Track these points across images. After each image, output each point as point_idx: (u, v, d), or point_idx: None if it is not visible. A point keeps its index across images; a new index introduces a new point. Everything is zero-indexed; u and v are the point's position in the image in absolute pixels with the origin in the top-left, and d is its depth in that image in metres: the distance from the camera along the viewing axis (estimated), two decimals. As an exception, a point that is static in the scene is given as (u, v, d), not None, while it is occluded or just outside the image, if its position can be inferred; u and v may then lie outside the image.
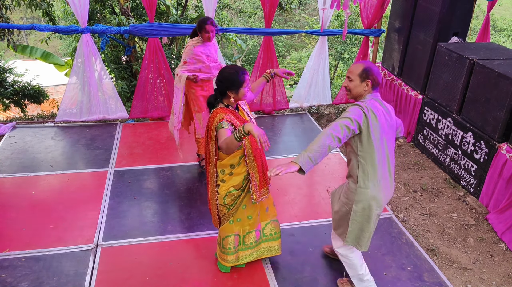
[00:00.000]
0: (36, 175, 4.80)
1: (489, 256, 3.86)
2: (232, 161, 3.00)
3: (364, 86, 2.76)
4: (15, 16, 22.12)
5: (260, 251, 3.47)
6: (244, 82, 2.88)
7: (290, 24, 22.80)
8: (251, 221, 3.27)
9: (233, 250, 3.34)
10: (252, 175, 3.05)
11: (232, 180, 3.05)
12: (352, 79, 2.77)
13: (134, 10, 7.54)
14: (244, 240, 3.34)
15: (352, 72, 2.77)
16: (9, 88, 7.10)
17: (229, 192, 3.08)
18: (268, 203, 3.34)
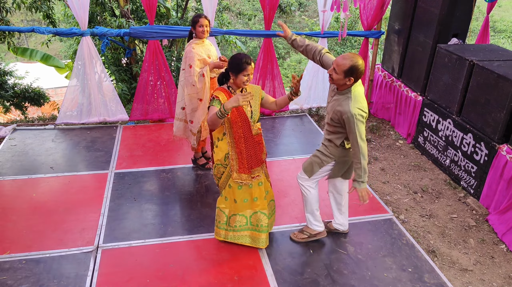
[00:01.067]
0: (36, 177, 4.80)
1: (490, 257, 3.86)
2: (218, 134, 3.39)
3: (347, 81, 3.06)
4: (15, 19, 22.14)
5: (243, 238, 3.69)
6: (243, 70, 3.15)
7: (290, 26, 22.82)
8: (237, 205, 3.52)
9: (222, 225, 3.66)
10: (231, 154, 3.35)
11: (218, 153, 3.42)
12: (337, 73, 3.04)
13: (134, 13, 7.55)
14: (229, 221, 3.62)
15: (339, 66, 3.02)
16: (9, 91, 7.11)
17: (216, 164, 3.46)
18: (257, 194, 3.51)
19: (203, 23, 4.34)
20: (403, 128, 6.04)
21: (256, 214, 3.57)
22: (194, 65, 4.32)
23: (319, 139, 5.83)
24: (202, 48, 4.44)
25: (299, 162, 5.26)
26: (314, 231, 3.82)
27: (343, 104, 3.14)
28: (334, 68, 3.05)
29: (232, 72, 3.20)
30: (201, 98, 4.45)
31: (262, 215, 3.56)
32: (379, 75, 6.66)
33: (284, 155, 5.43)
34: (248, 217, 3.60)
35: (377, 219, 4.27)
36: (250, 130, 3.30)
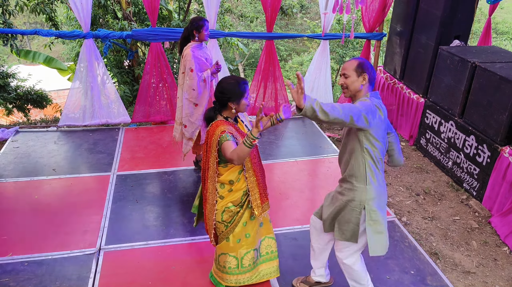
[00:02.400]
0: (39, 179, 4.81)
1: (493, 259, 3.85)
2: (231, 176, 2.90)
3: (361, 81, 2.69)
4: (18, 21, 22.22)
5: (259, 275, 3.25)
6: (245, 92, 2.82)
7: (291, 28, 22.84)
8: (249, 239, 3.08)
9: (232, 270, 3.15)
10: (252, 189, 2.94)
11: (231, 195, 2.94)
12: (349, 75, 2.69)
13: (136, 15, 7.58)
14: (242, 262, 3.13)
15: (347, 68, 2.70)
16: (12, 93, 7.14)
17: (227, 208, 2.95)
18: (263, 219, 3.14)
19: (208, 26, 4.34)
20: (405, 130, 6.03)
21: (264, 241, 3.21)
22: (195, 69, 4.31)
23: (321, 141, 5.83)
24: (201, 51, 4.42)
25: (301, 164, 5.26)
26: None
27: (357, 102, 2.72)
28: (344, 73, 2.71)
29: (233, 101, 2.80)
30: (197, 103, 4.43)
31: (271, 239, 3.24)
32: (381, 77, 6.66)
33: (286, 157, 5.43)
34: (258, 249, 3.21)
35: (379, 221, 4.26)
36: (259, 154, 3.03)
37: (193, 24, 4.31)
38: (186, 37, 4.41)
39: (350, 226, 2.81)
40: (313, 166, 5.29)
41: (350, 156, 2.75)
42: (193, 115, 4.49)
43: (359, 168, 2.73)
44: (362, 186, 2.74)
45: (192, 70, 4.31)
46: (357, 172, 2.74)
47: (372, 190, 2.75)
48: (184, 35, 4.42)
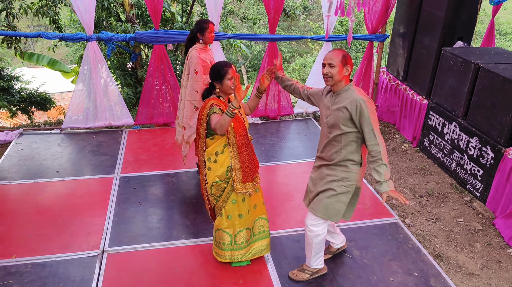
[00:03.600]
0: (42, 182, 4.83)
1: (497, 261, 3.83)
2: (217, 148, 3.18)
3: (345, 71, 2.90)
4: (22, 24, 22.34)
5: (252, 252, 3.55)
6: (226, 74, 3.09)
7: (294, 29, 22.86)
8: (242, 219, 3.37)
9: (226, 246, 3.45)
10: (235, 165, 3.19)
11: (217, 169, 3.19)
12: (334, 65, 2.87)
13: (139, 18, 7.60)
14: (235, 239, 3.43)
15: (333, 59, 2.88)
16: (16, 96, 7.16)
17: (214, 182, 3.22)
18: (256, 201, 3.42)
19: (212, 28, 4.30)
20: (409, 132, 6.02)
21: (257, 221, 3.48)
22: (200, 71, 4.28)
23: (324, 143, 5.82)
24: (206, 54, 4.38)
25: (304, 165, 5.26)
26: (315, 269, 3.50)
27: (348, 96, 2.91)
28: (330, 63, 2.87)
29: (216, 81, 3.13)
30: (197, 107, 4.39)
31: (263, 220, 3.51)
32: (384, 79, 6.65)
33: (289, 159, 5.42)
34: (251, 228, 3.48)
35: (383, 223, 4.25)
36: (247, 138, 3.23)
37: (197, 26, 4.28)
38: (191, 39, 4.38)
39: (337, 205, 3.10)
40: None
41: (347, 144, 2.98)
42: (192, 119, 4.45)
43: (354, 153, 3.00)
44: (357, 167, 3.05)
45: (197, 72, 4.27)
46: (352, 156, 3.01)
47: (362, 170, 3.10)
48: (189, 37, 4.39)
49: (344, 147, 2.98)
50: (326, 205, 3.10)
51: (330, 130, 3.02)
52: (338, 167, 3.05)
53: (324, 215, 3.13)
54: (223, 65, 3.13)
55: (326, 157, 3.09)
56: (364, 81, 6.60)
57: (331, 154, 3.04)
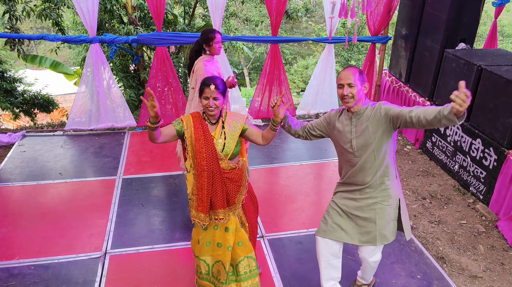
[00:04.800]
0: (45, 183, 4.84)
1: (500, 263, 3.82)
2: (187, 164, 2.91)
3: (364, 89, 2.77)
4: (25, 27, 22.42)
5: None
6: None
7: (296, 31, 22.87)
8: (209, 247, 2.96)
9: (204, 276, 3.04)
10: (193, 189, 2.86)
11: (188, 185, 2.94)
12: (354, 85, 2.69)
13: (142, 20, 7.62)
14: (212, 270, 3.01)
15: (351, 78, 2.69)
16: (19, 98, 7.19)
17: (189, 198, 2.96)
18: (242, 238, 2.98)
19: (219, 39, 3.92)
20: (411, 134, 6.01)
21: (218, 263, 2.98)
22: None
23: (326, 144, 5.81)
24: (213, 66, 4.01)
25: (306, 167, 5.26)
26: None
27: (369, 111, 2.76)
28: (349, 83, 2.69)
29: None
30: None
31: (250, 259, 3.03)
32: (386, 81, 6.64)
33: (291, 161, 5.42)
34: (210, 266, 3.01)
35: (385, 225, 4.24)
36: (217, 164, 2.79)
37: (203, 36, 3.91)
38: (197, 50, 4.01)
39: (391, 225, 2.93)
40: (319, 169, 5.28)
41: (381, 162, 2.79)
42: None
43: (389, 166, 2.84)
44: (394, 181, 2.90)
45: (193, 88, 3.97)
46: (388, 171, 2.85)
47: (399, 182, 2.95)
48: (195, 48, 4.02)
49: (379, 164, 2.78)
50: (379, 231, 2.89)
51: (360, 153, 2.79)
52: (375, 188, 2.86)
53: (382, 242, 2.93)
54: (202, 82, 2.80)
55: (359, 182, 2.86)
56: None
57: (366, 176, 2.83)
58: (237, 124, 2.89)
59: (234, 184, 2.89)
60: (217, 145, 2.81)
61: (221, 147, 2.82)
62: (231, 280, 3.03)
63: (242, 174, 2.94)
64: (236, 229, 2.95)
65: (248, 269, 3.05)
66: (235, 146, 2.85)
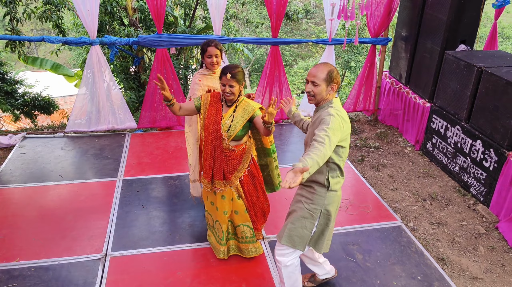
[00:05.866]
0: (45, 185, 4.84)
1: (500, 265, 3.82)
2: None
3: (329, 90, 2.69)
4: (25, 28, 22.46)
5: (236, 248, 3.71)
6: (204, 51, 3.56)
7: (297, 33, 22.89)
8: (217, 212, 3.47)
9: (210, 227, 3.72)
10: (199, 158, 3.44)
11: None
12: (318, 84, 2.66)
13: (142, 22, 7.63)
14: (215, 226, 3.61)
15: (317, 76, 2.65)
16: (19, 99, 7.19)
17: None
18: (238, 208, 3.45)
19: (212, 52, 3.58)
20: (411, 135, 6.01)
21: (217, 223, 3.56)
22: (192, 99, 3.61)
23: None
24: (212, 81, 3.74)
25: (307, 169, 5.25)
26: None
27: (324, 112, 2.68)
28: (313, 81, 2.66)
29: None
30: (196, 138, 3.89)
31: (246, 227, 3.54)
32: (386, 82, 6.65)
33: (291, 162, 5.42)
34: (214, 222, 3.63)
35: (386, 226, 4.24)
36: (220, 142, 3.21)
37: (201, 46, 3.66)
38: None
39: (300, 231, 2.83)
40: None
41: None
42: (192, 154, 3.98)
43: (320, 174, 2.75)
44: (323, 191, 2.78)
45: (190, 99, 3.74)
46: (318, 178, 2.76)
47: (333, 195, 2.80)
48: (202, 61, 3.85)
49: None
50: (289, 230, 2.85)
51: (305, 147, 2.87)
52: (305, 187, 2.87)
53: (287, 242, 2.84)
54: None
55: None
56: (366, 84, 6.60)
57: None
58: (249, 109, 3.20)
59: (231, 163, 3.29)
60: (224, 125, 3.20)
61: (226, 128, 3.19)
62: (232, 238, 3.64)
63: (243, 155, 3.31)
64: (233, 199, 3.42)
65: (245, 235, 3.57)
66: (239, 130, 3.19)
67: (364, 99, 6.69)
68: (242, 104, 3.21)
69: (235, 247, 3.71)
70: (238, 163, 3.31)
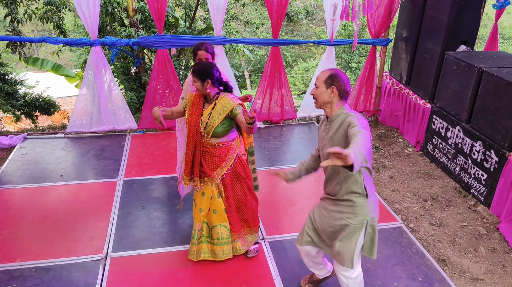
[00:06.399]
0: (46, 186, 4.84)
1: (501, 266, 3.81)
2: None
3: (330, 93, 2.64)
4: (26, 29, 22.48)
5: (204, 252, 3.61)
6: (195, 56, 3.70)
7: (297, 34, 22.91)
8: (195, 208, 3.51)
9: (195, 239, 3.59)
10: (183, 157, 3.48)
11: None
12: (318, 86, 2.68)
13: (143, 22, 7.64)
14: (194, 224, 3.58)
15: (318, 79, 2.68)
16: (20, 100, 7.20)
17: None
18: (216, 207, 3.46)
19: (202, 56, 3.68)
20: (412, 136, 6.01)
21: (216, 227, 3.52)
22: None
23: (327, 147, 5.81)
24: None
25: (307, 169, 5.25)
26: None
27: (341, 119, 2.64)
28: (315, 84, 2.70)
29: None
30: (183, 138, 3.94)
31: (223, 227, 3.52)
32: (387, 83, 6.65)
33: (292, 163, 5.42)
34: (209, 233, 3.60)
35: (387, 227, 4.24)
36: (199, 138, 3.32)
37: (192, 48, 3.81)
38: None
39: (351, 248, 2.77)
40: (320, 171, 5.26)
41: (347, 175, 2.69)
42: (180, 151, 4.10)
43: (356, 183, 2.70)
44: (363, 199, 2.73)
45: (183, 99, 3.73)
46: (356, 188, 2.71)
47: (371, 202, 2.76)
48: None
49: (345, 178, 2.71)
50: (344, 253, 2.80)
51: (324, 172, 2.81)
52: (342, 202, 2.78)
53: (350, 265, 2.82)
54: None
55: (330, 192, 2.86)
56: (367, 85, 6.60)
57: (333, 186, 2.80)
58: (227, 106, 3.23)
59: (213, 159, 3.36)
60: (202, 122, 3.28)
61: (203, 125, 3.27)
62: (205, 241, 3.59)
63: (227, 153, 3.37)
64: (212, 197, 3.44)
65: (221, 236, 3.54)
66: (217, 126, 3.23)
67: (364, 100, 6.69)
68: (221, 101, 3.26)
69: (208, 251, 3.61)
70: (221, 160, 3.37)
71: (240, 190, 3.51)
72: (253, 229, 3.69)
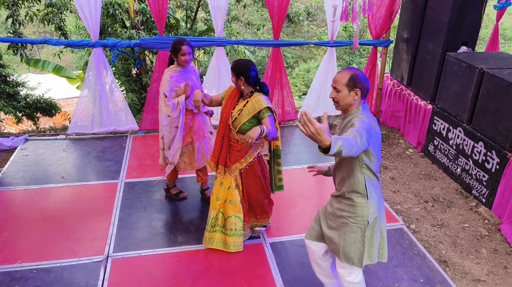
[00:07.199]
0: (47, 187, 4.84)
1: (503, 267, 3.80)
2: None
3: (353, 95, 2.58)
4: (28, 31, 22.53)
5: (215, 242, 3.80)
6: (179, 50, 3.86)
7: (298, 35, 22.92)
8: (212, 197, 3.70)
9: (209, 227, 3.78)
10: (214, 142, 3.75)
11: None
12: (340, 90, 2.59)
13: (144, 24, 7.66)
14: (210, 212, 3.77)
15: (338, 82, 2.59)
16: (21, 102, 7.22)
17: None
18: (233, 198, 3.62)
19: (186, 51, 3.90)
20: (413, 137, 6.01)
21: (230, 218, 3.69)
22: (170, 96, 3.98)
23: (328, 148, 5.81)
24: (183, 77, 4.02)
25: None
26: None
27: (352, 120, 2.61)
28: (335, 87, 2.61)
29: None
30: (177, 125, 4.05)
31: (237, 219, 3.68)
32: (388, 84, 6.65)
33: (293, 164, 5.42)
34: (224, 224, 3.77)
35: (388, 228, 4.22)
36: (227, 130, 3.52)
37: (171, 46, 3.95)
38: (170, 59, 4.09)
39: (357, 247, 2.74)
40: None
41: (349, 173, 2.68)
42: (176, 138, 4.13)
43: (358, 183, 2.68)
44: (364, 200, 2.70)
45: (166, 97, 3.98)
46: (357, 187, 2.69)
47: (373, 204, 2.72)
48: (170, 57, 4.09)
49: (347, 176, 2.70)
50: (343, 247, 2.76)
51: (335, 157, 2.73)
52: (344, 200, 2.76)
53: (346, 260, 2.77)
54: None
55: (336, 187, 2.87)
56: (368, 86, 6.59)
57: (338, 182, 2.81)
58: (257, 106, 3.39)
59: (236, 153, 3.56)
60: (232, 116, 3.47)
61: (233, 119, 3.46)
62: (219, 230, 3.77)
63: (248, 150, 3.54)
64: (230, 188, 3.61)
65: (234, 227, 3.69)
66: (244, 123, 3.40)
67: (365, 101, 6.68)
68: (253, 100, 3.41)
69: (220, 241, 3.79)
70: (240, 156, 3.55)
71: (253, 187, 3.68)
72: (259, 220, 3.93)
